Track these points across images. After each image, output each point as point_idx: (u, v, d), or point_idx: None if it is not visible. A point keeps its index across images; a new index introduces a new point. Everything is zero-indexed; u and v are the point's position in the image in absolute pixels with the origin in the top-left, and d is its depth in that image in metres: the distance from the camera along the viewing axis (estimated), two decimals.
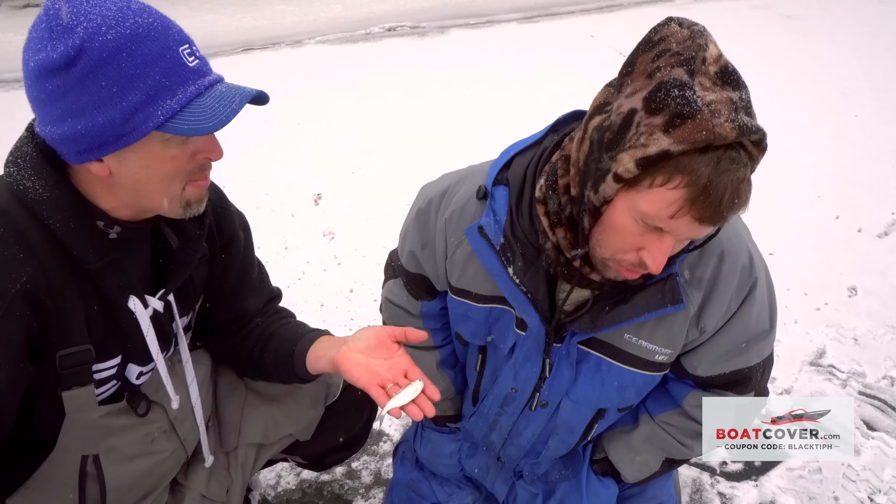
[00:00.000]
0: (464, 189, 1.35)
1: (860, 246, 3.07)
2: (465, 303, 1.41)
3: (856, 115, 4.22)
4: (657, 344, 1.28)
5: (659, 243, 1.02)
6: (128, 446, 1.31)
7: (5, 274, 1.03)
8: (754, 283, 1.23)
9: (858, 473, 2.06)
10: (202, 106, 1.02)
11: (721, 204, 0.93)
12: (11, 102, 5.05)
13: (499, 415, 1.55)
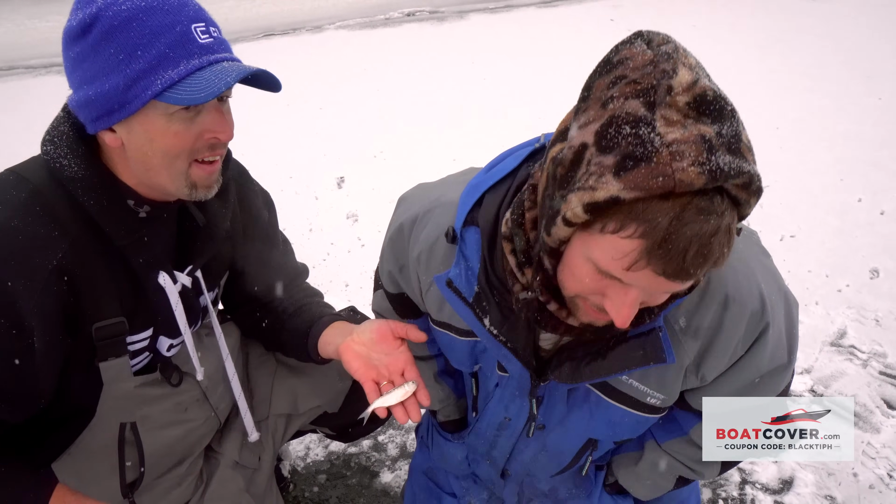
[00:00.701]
0: (431, 224, 1.21)
1: (882, 229, 3.07)
2: (448, 335, 1.29)
3: (879, 98, 4.20)
4: (649, 387, 1.16)
5: (622, 295, 0.88)
6: (161, 414, 1.37)
7: (41, 251, 1.08)
8: (765, 328, 1.09)
9: (878, 451, 2.08)
10: (200, 78, 1.04)
11: (684, 261, 0.79)
12: (41, 87, 5.14)
13: (497, 437, 1.46)
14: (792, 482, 2.01)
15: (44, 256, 1.09)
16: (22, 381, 1.13)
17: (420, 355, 1.49)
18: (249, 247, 1.46)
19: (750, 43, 5.18)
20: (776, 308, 1.09)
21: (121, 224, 1.15)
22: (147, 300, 1.24)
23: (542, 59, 5.07)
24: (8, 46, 6.07)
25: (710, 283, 1.05)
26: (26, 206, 1.09)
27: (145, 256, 1.20)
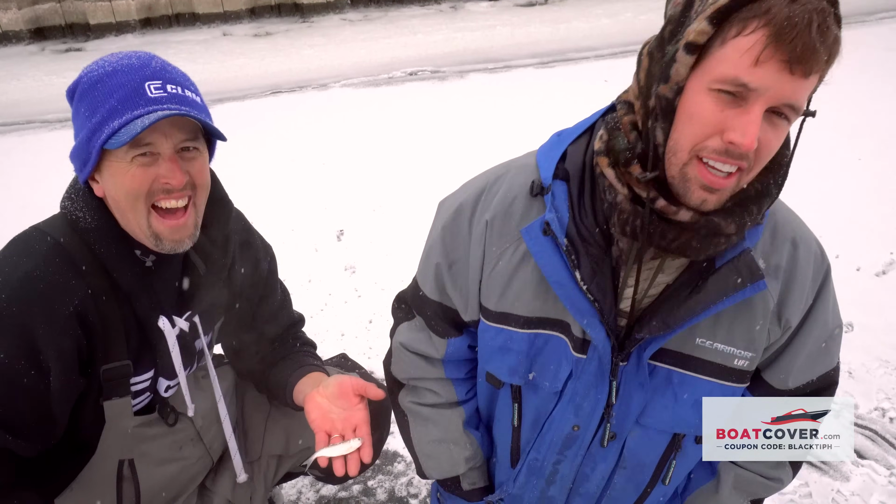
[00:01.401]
0: (506, 187, 1.19)
1: (858, 284, 3.19)
2: (506, 330, 1.22)
3: (859, 159, 4.37)
4: (735, 346, 1.13)
5: (746, 115, 0.89)
6: (158, 451, 1.48)
7: (61, 297, 1.22)
8: (827, 271, 1.14)
9: (847, 499, 2.17)
10: (134, 125, 1.16)
11: (810, 32, 0.83)
12: (55, 141, 5.35)
13: (557, 463, 1.32)
14: None
15: (63, 302, 1.22)
16: (39, 417, 1.25)
17: (447, 401, 1.41)
18: (248, 296, 1.58)
19: None
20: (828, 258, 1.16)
21: (129, 272, 1.29)
22: (150, 343, 1.38)
23: (539, 117, 5.27)
24: (27, 101, 6.33)
25: (777, 227, 1.11)
26: (47, 257, 1.23)
27: (149, 302, 1.33)
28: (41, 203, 1.39)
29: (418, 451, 1.47)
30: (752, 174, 0.98)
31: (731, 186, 0.97)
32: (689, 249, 1.02)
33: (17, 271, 1.21)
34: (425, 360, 1.40)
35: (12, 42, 7.78)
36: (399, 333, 1.43)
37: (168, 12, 8.29)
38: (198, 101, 1.26)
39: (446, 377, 1.40)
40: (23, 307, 1.18)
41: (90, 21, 7.95)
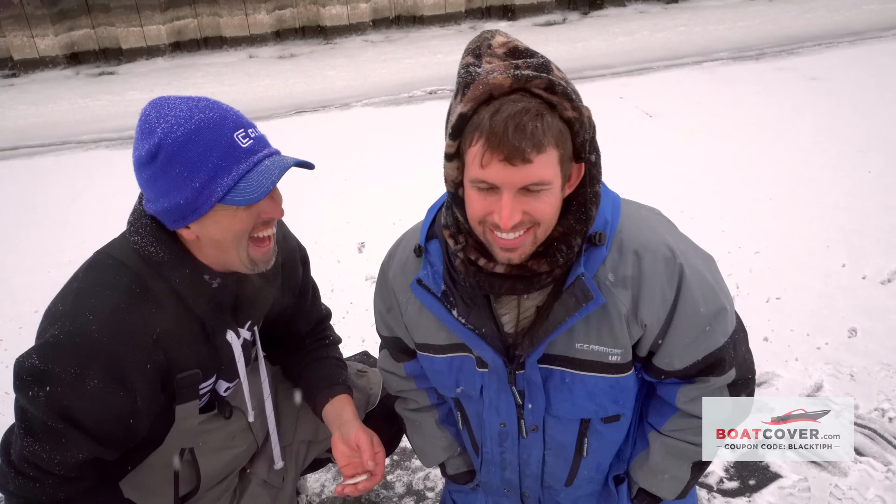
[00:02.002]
0: (401, 249, 1.51)
1: (863, 292, 3.28)
2: (430, 356, 1.52)
3: (869, 172, 4.45)
4: (606, 345, 1.36)
5: (499, 201, 1.16)
6: (214, 442, 1.64)
7: (144, 329, 1.36)
8: (681, 270, 1.32)
9: (844, 492, 2.26)
10: (250, 180, 1.30)
11: (507, 136, 1.08)
12: (90, 160, 5.60)
13: (502, 453, 1.61)
14: None
15: (146, 333, 1.36)
16: (126, 430, 1.42)
17: (423, 406, 1.74)
18: (286, 299, 1.74)
19: (751, 119, 5.48)
20: (687, 255, 1.35)
21: (200, 296, 1.43)
22: (215, 352, 1.52)
23: None
24: (63, 123, 6.60)
25: (623, 243, 1.33)
26: (129, 290, 1.36)
27: (217, 318, 1.49)
28: (78, 220, 1.56)
29: (413, 446, 1.84)
30: (544, 228, 1.24)
31: (529, 242, 1.24)
32: (516, 290, 1.30)
33: (105, 304, 1.33)
34: (397, 376, 1.72)
35: (49, 67, 8.09)
36: (379, 360, 1.78)
37: (196, 36, 8.56)
38: (269, 143, 1.40)
39: (418, 388, 1.72)
40: (113, 339, 1.32)
41: (122, 46, 8.24)
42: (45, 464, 1.34)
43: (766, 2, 9.23)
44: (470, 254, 1.30)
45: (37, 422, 1.32)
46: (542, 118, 1.11)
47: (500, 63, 1.14)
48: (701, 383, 1.45)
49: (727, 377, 1.45)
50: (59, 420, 1.31)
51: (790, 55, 7.05)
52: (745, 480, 2.35)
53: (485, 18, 9.11)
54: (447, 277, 1.37)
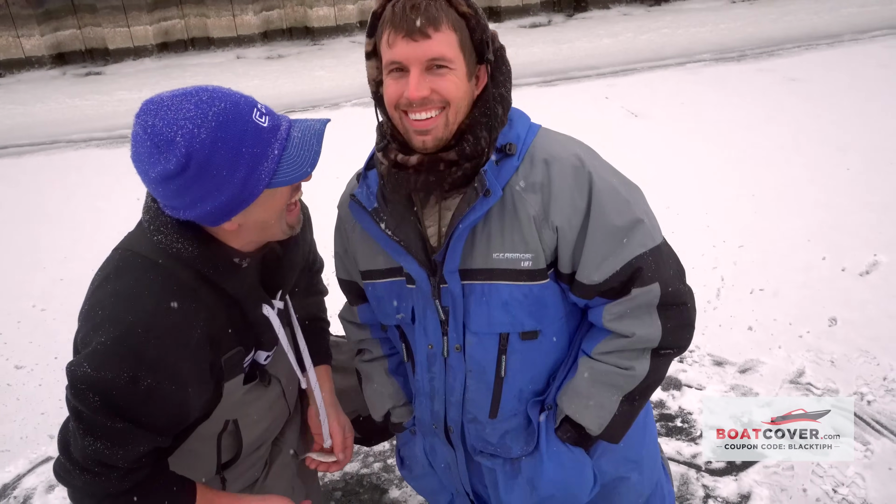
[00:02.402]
0: (349, 184, 1.65)
1: (843, 283, 3.40)
2: (373, 282, 1.61)
3: (848, 169, 4.58)
4: (517, 251, 1.42)
5: (408, 78, 1.32)
6: (256, 412, 1.70)
7: (189, 326, 1.38)
8: (591, 177, 1.40)
9: (825, 470, 2.37)
10: (291, 158, 1.32)
11: (406, 13, 1.28)
12: (81, 159, 5.63)
13: (431, 379, 1.63)
14: (749, 496, 2.30)
15: (191, 329, 1.38)
16: (179, 418, 1.46)
17: (376, 356, 1.81)
18: (305, 255, 1.81)
19: (734, 118, 5.61)
20: (597, 167, 1.44)
21: (234, 279, 1.45)
22: (253, 327, 1.56)
23: None
24: (52, 123, 6.62)
25: (534, 155, 1.44)
26: (167, 289, 1.36)
27: (252, 296, 1.52)
28: (72, 217, 1.62)
29: (366, 398, 1.86)
30: (453, 111, 1.37)
31: (441, 124, 1.37)
32: (430, 185, 1.40)
33: (146, 306, 1.34)
34: (355, 326, 1.82)
35: (35, 67, 8.09)
36: (341, 310, 1.88)
37: (184, 37, 8.59)
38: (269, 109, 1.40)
39: (373, 337, 1.81)
40: (159, 339, 1.33)
41: (109, 46, 8.26)
42: (109, 459, 1.37)
43: (748, 5, 9.43)
44: (390, 153, 1.43)
45: (96, 423, 1.34)
46: (437, 3, 1.31)
47: None
48: (625, 298, 1.45)
49: (649, 291, 1.44)
50: (118, 420, 1.34)
51: (771, 57, 7.21)
52: (731, 461, 2.45)
53: None
54: (380, 196, 1.49)
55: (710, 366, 2.92)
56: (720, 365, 2.92)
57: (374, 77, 1.43)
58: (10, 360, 3.22)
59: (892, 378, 2.77)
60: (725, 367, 2.90)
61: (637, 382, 1.51)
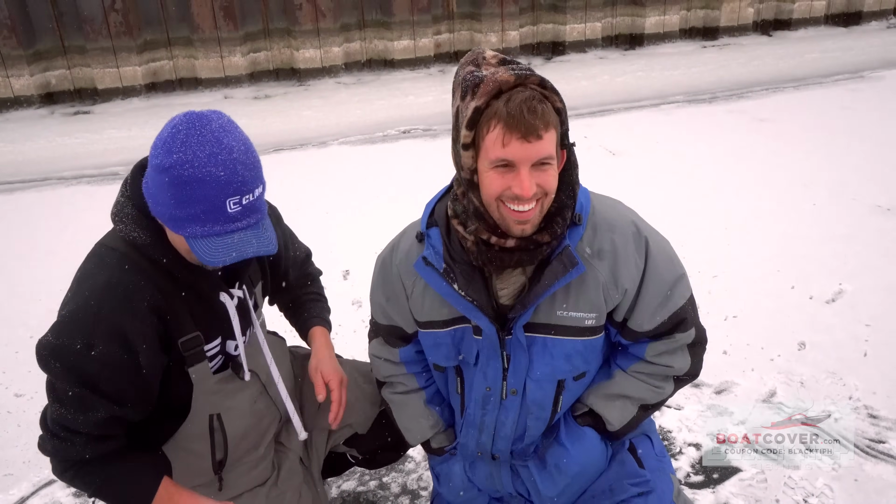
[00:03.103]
0: (404, 242, 1.75)
1: (810, 310, 3.60)
2: (433, 332, 1.74)
3: (814, 204, 4.82)
4: (583, 311, 1.61)
5: (518, 176, 1.41)
6: (238, 405, 1.84)
7: (137, 296, 1.58)
8: (647, 242, 1.61)
9: (797, 482, 2.52)
10: (213, 243, 1.49)
11: (524, 116, 1.35)
12: (73, 195, 5.73)
13: (483, 415, 1.79)
14: None
15: (139, 299, 1.58)
16: (137, 390, 1.62)
17: (411, 389, 1.93)
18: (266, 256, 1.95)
19: (705, 156, 5.88)
20: (650, 232, 1.64)
21: (184, 268, 1.64)
22: (214, 314, 1.74)
23: None
24: (42, 160, 6.71)
25: (596, 223, 1.60)
26: (119, 266, 1.58)
27: (207, 284, 1.70)
28: (67, 250, 1.79)
29: (400, 426, 1.98)
30: (549, 199, 1.50)
31: (537, 213, 1.49)
32: (523, 262, 1.55)
33: (99, 280, 1.55)
34: (390, 363, 1.93)
35: (24, 106, 8.19)
36: (371, 347, 2.00)
37: (172, 77, 8.76)
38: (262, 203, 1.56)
39: (408, 372, 1.93)
40: (110, 308, 1.54)
41: (98, 86, 8.39)
42: (72, 424, 1.55)
43: (718, 50, 9.84)
44: (482, 234, 1.53)
45: (59, 390, 1.54)
46: (545, 103, 1.40)
47: (499, 67, 1.43)
48: (668, 339, 1.70)
49: (689, 335, 1.71)
50: (77, 385, 1.52)
51: (740, 98, 7.55)
52: (710, 475, 2.59)
53: (453, 63, 9.50)
54: (447, 256, 1.61)
55: (688, 387, 3.07)
56: (697, 387, 3.08)
57: (469, 166, 1.47)
58: (10, 389, 3.29)
59: (857, 397, 2.95)
60: (702, 389, 3.07)
61: (660, 399, 1.79)
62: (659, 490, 1.78)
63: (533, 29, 9.74)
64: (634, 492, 1.77)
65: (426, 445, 2.00)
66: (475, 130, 1.43)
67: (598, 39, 9.88)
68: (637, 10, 9.98)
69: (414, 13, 9.01)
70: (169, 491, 1.69)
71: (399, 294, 1.76)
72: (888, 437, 2.72)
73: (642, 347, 1.73)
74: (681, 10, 10.18)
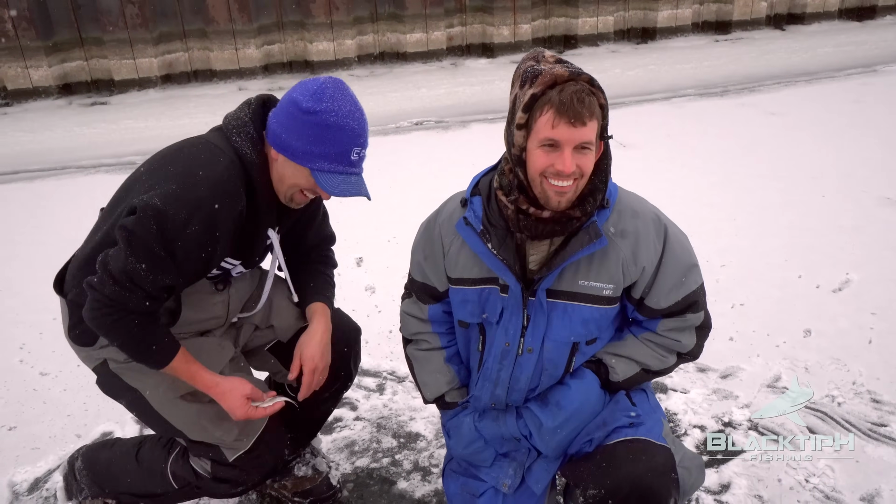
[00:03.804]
0: (449, 205, 2.01)
1: (817, 299, 3.65)
2: (463, 289, 1.96)
3: (822, 196, 4.87)
4: (602, 282, 1.83)
5: (562, 154, 1.64)
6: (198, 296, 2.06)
7: (235, 200, 1.83)
8: (666, 229, 1.85)
9: (798, 463, 2.59)
10: (336, 180, 1.83)
11: (573, 105, 1.58)
12: (91, 183, 5.84)
13: (499, 370, 1.97)
14: (729, 486, 2.51)
15: (236, 203, 1.82)
16: (197, 269, 1.87)
17: (434, 346, 2.14)
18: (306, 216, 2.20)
19: (716, 149, 5.92)
20: (669, 223, 1.88)
21: (268, 198, 1.91)
22: (253, 245, 1.99)
23: None
24: (61, 150, 6.82)
25: (622, 208, 1.83)
26: (228, 171, 1.81)
27: (268, 218, 1.95)
28: (83, 237, 1.96)
29: (419, 380, 2.19)
30: (584, 181, 1.73)
31: (573, 190, 1.71)
32: (554, 233, 1.78)
33: (213, 174, 1.78)
34: (418, 320, 2.14)
35: (42, 97, 8.32)
36: (403, 305, 2.21)
37: (187, 69, 8.87)
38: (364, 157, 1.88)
39: (433, 331, 2.14)
40: (216, 200, 1.77)
41: (115, 77, 8.50)
42: (141, 280, 1.74)
43: (730, 44, 9.85)
44: (522, 204, 1.77)
45: (144, 247, 1.72)
46: (592, 96, 1.64)
47: (556, 64, 1.67)
48: (679, 318, 1.91)
49: (698, 317, 1.93)
50: (162, 249, 1.73)
51: (751, 92, 7.57)
52: (714, 455, 2.66)
53: (465, 56, 9.57)
54: (485, 220, 1.84)
55: (694, 372, 3.14)
56: (703, 371, 3.14)
57: (520, 144, 1.71)
58: (35, 368, 3.40)
59: (860, 382, 3.01)
60: (708, 374, 3.13)
61: (662, 367, 1.99)
62: (649, 424, 1.93)
63: (545, 22, 9.78)
64: (626, 421, 1.93)
65: (440, 401, 2.17)
66: (530, 114, 1.66)
67: (611, 33, 9.91)
68: (649, 4, 9.99)
69: (426, 6, 9.07)
70: (186, 357, 1.93)
71: (437, 252, 1.99)
72: (890, 421, 2.78)
73: (655, 323, 1.94)
74: (693, 3, 10.18)
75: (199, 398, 2.03)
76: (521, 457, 2.08)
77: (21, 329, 3.74)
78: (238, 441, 2.07)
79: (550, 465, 2.05)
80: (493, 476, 2.10)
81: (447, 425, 2.19)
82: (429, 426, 2.89)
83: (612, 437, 1.90)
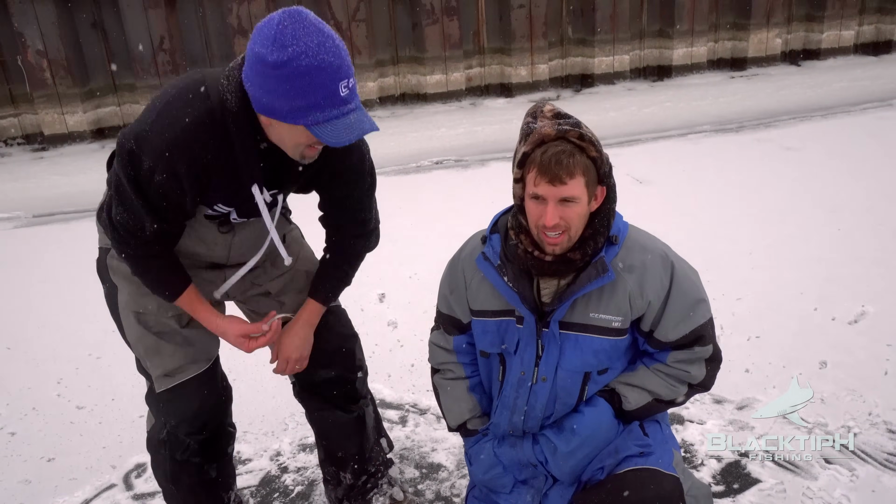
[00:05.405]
0: (471, 242, 2.13)
1: (833, 331, 3.69)
2: (484, 320, 2.07)
3: (839, 229, 4.91)
4: (611, 314, 1.93)
5: (547, 209, 1.78)
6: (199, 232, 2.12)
7: (202, 151, 1.78)
8: (673, 265, 1.93)
9: (815, 493, 2.62)
10: (336, 125, 1.66)
11: (551, 166, 1.72)
12: None
13: (516, 398, 2.06)
14: None
15: (203, 153, 1.79)
16: (179, 213, 1.93)
17: (458, 376, 2.24)
18: (328, 188, 2.17)
19: (732, 184, 5.99)
20: (677, 259, 1.97)
21: (247, 151, 1.85)
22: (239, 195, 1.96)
23: None
24: (94, 192, 6.95)
25: (631, 244, 1.93)
26: (202, 117, 1.76)
27: (251, 170, 1.91)
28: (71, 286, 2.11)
29: (443, 407, 2.29)
30: (574, 231, 1.84)
31: (564, 241, 1.84)
32: (559, 273, 1.91)
33: (182, 119, 1.74)
34: (444, 350, 2.25)
35: (77, 141, 8.64)
36: (431, 336, 2.32)
37: None
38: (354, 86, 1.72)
39: (458, 361, 2.24)
40: (179, 148, 1.75)
41: None
42: (132, 229, 1.88)
43: (746, 80, 9.97)
44: (527, 247, 1.91)
45: (127, 198, 1.82)
46: (573, 156, 1.75)
47: (549, 121, 1.80)
48: (688, 350, 1.99)
49: (707, 350, 2.00)
50: (139, 198, 1.81)
51: (767, 128, 7.67)
52: (730, 485, 2.71)
53: (484, 96, 9.78)
54: (503, 256, 1.97)
55: (710, 403, 3.20)
56: (719, 403, 3.20)
57: (518, 195, 1.87)
58: (72, 402, 3.53)
59: (877, 413, 3.04)
60: (724, 405, 3.18)
61: (673, 397, 2.06)
62: (658, 453, 2.00)
63: (562, 62, 9.98)
64: (636, 450, 2.00)
65: (462, 429, 2.25)
66: (522, 169, 1.81)
67: (627, 71, 10.08)
68: (665, 42, 10.17)
69: (446, 49, 9.31)
70: (192, 296, 2.07)
71: (460, 286, 2.11)
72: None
73: (665, 354, 2.02)
74: (708, 41, 10.35)
75: (147, 324, 2.14)
76: (538, 483, 2.16)
77: (59, 364, 3.89)
78: (161, 379, 2.14)
79: (566, 492, 2.11)
80: (512, 502, 2.18)
81: (469, 452, 2.28)
82: (450, 457, 2.97)
83: (623, 466, 1.99)
